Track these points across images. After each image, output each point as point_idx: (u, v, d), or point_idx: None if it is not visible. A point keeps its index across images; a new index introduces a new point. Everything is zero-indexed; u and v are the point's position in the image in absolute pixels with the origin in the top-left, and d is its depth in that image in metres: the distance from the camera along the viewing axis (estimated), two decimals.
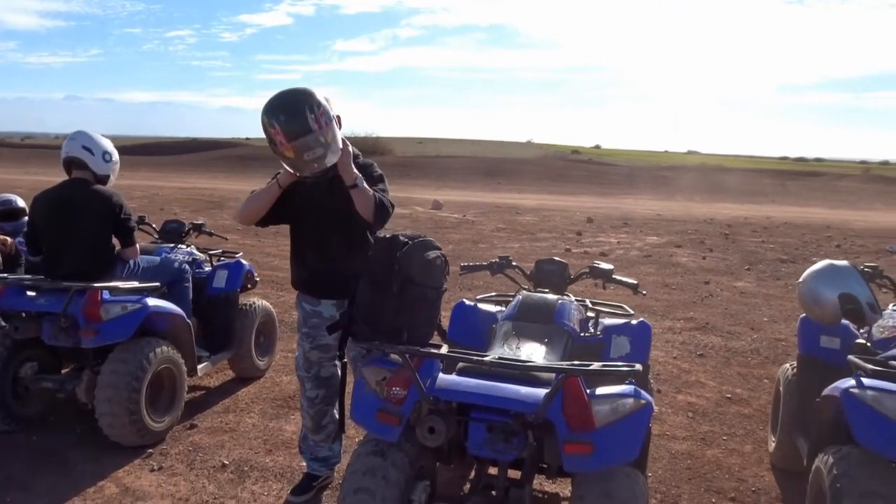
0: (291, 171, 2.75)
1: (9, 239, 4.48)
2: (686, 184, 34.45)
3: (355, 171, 2.78)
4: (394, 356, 2.38)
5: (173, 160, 39.63)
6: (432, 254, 2.42)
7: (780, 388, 3.60)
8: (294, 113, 2.52)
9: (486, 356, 2.32)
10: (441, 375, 2.36)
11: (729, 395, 4.71)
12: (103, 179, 3.85)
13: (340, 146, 2.72)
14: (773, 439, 3.63)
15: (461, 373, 2.46)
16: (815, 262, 3.24)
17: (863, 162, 71.08)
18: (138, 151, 41.88)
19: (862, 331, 3.33)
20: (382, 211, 2.80)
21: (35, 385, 3.76)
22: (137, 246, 3.96)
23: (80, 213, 3.70)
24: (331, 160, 2.68)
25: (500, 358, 2.33)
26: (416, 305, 2.39)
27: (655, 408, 2.26)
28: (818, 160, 68.98)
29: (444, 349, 2.42)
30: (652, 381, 3.36)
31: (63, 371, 3.97)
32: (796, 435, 3.33)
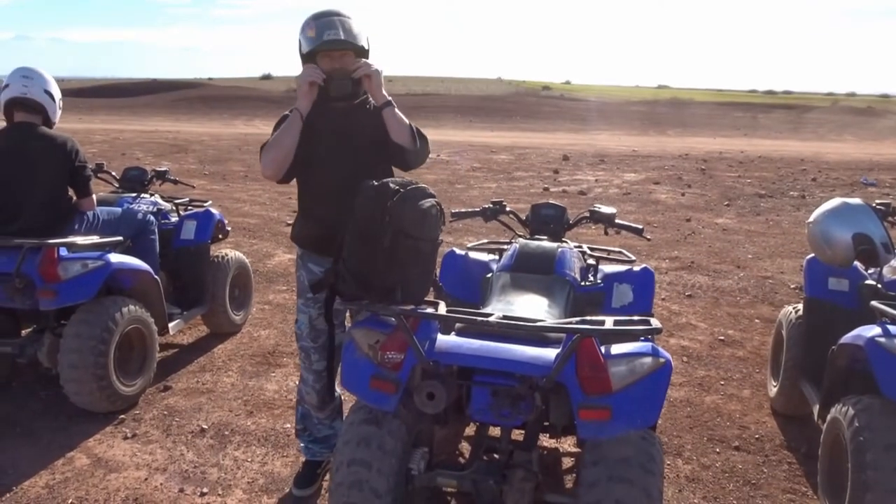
0: (311, 76, 2.44)
1: None
2: (658, 118, 34.29)
3: (386, 94, 2.51)
4: (387, 317, 2.16)
5: (133, 102, 38.12)
6: (427, 202, 2.16)
7: (783, 332, 3.48)
8: (329, 9, 2.53)
9: (490, 315, 2.10)
10: (440, 337, 2.16)
11: (722, 338, 4.61)
12: (50, 125, 3.49)
13: (365, 48, 2.52)
14: (774, 384, 3.53)
15: (461, 332, 2.26)
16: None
17: (830, 94, 71.44)
18: (95, 94, 40.26)
19: (871, 272, 3.18)
20: (422, 136, 2.54)
21: None
22: (94, 196, 3.62)
23: (32, 163, 3.35)
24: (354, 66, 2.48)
25: (504, 317, 2.12)
26: (410, 260, 2.15)
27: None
28: (787, 93, 69.10)
29: (443, 307, 2.19)
30: None
31: (22, 333, 3.69)
32: (801, 380, 3.22)
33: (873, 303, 2.47)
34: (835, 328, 2.82)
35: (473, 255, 3.23)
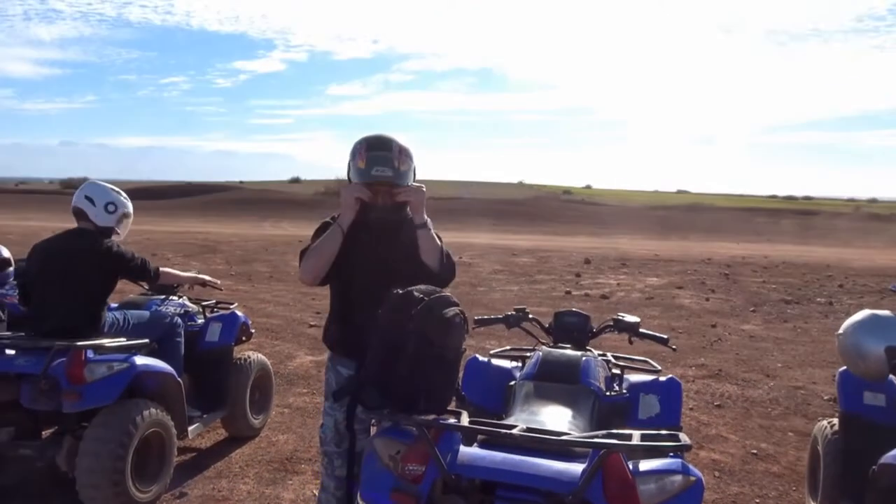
0: (357, 192, 2.53)
1: None
2: (679, 223, 34.55)
3: (426, 216, 2.61)
4: (409, 427, 2.12)
5: (167, 204, 39.47)
6: (451, 311, 2.17)
7: (819, 448, 3.34)
8: (383, 137, 2.61)
9: (514, 428, 2.06)
10: (462, 449, 2.11)
11: (754, 451, 4.43)
12: (106, 231, 3.63)
13: (410, 183, 2.59)
14: None
15: (484, 444, 2.20)
16: (854, 313, 3.03)
17: (851, 200, 71.76)
18: (132, 196, 41.46)
19: None
20: (449, 260, 2.63)
21: (11, 452, 3.44)
22: (165, 269, 3.90)
23: (70, 265, 3.47)
24: (397, 189, 2.55)
25: (529, 429, 2.08)
26: (434, 369, 2.14)
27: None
28: (807, 198, 69.60)
29: (465, 418, 2.16)
30: None
31: (43, 436, 3.67)
32: (842, 501, 3.06)
33: None
34: (874, 445, 2.70)
35: (496, 362, 3.21)
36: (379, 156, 2.53)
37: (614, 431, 2.05)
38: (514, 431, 2.02)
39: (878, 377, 2.91)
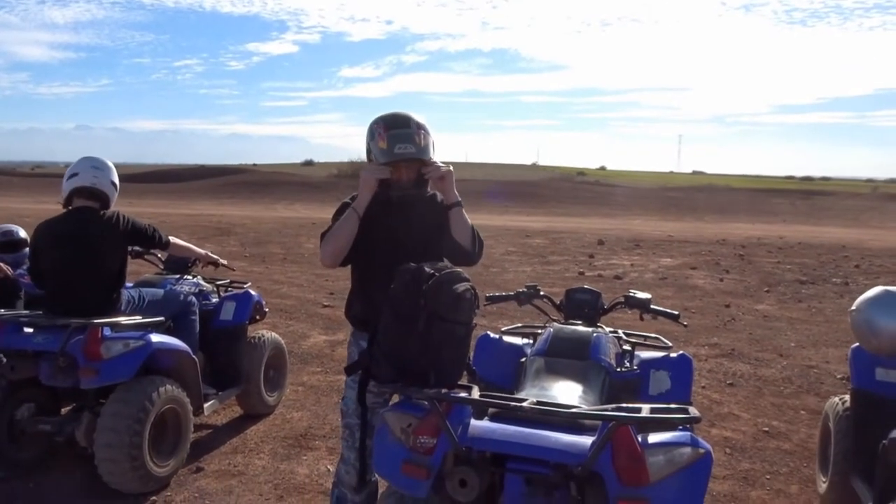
0: (377, 174, 2.52)
1: (9, 270, 4.30)
2: (694, 204, 34.25)
3: (457, 194, 2.61)
4: (420, 401, 2.15)
5: (181, 187, 39.70)
6: (461, 286, 2.19)
7: (830, 425, 3.34)
8: (399, 114, 2.59)
9: (524, 401, 2.08)
10: (473, 422, 2.13)
11: (766, 429, 4.44)
12: (107, 209, 3.65)
13: (432, 157, 2.57)
14: (824, 480, 3.37)
15: (494, 418, 2.23)
16: (867, 289, 3.02)
17: (869, 180, 70.79)
18: (146, 179, 42.03)
19: None
20: (479, 240, 2.67)
21: (32, 428, 3.53)
22: (175, 239, 3.85)
23: (91, 246, 3.47)
24: (426, 169, 2.53)
25: (538, 402, 2.09)
26: (444, 343, 2.16)
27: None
28: (825, 179, 68.76)
29: (476, 392, 2.19)
30: None
31: (62, 412, 3.75)
32: (852, 476, 3.06)
33: None
34: (885, 421, 2.71)
35: (507, 338, 3.22)
36: (399, 133, 2.51)
37: (624, 405, 2.06)
38: (525, 404, 2.04)
39: (891, 353, 2.90)
